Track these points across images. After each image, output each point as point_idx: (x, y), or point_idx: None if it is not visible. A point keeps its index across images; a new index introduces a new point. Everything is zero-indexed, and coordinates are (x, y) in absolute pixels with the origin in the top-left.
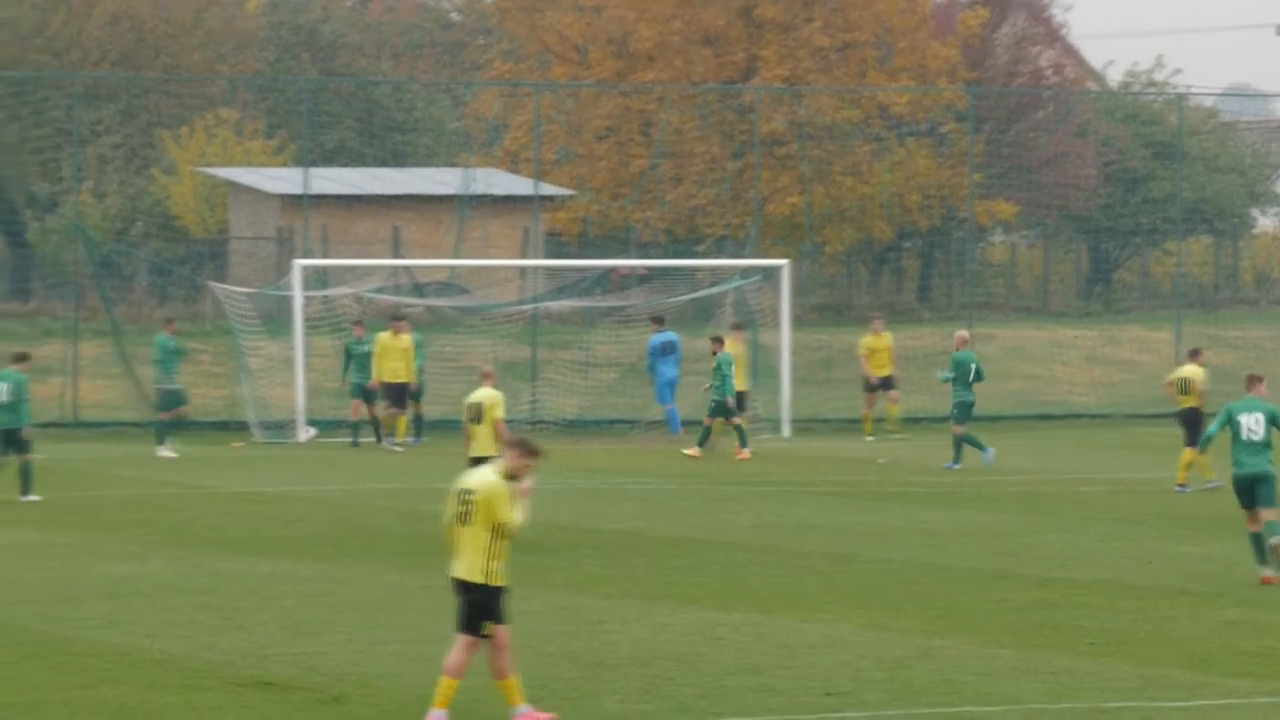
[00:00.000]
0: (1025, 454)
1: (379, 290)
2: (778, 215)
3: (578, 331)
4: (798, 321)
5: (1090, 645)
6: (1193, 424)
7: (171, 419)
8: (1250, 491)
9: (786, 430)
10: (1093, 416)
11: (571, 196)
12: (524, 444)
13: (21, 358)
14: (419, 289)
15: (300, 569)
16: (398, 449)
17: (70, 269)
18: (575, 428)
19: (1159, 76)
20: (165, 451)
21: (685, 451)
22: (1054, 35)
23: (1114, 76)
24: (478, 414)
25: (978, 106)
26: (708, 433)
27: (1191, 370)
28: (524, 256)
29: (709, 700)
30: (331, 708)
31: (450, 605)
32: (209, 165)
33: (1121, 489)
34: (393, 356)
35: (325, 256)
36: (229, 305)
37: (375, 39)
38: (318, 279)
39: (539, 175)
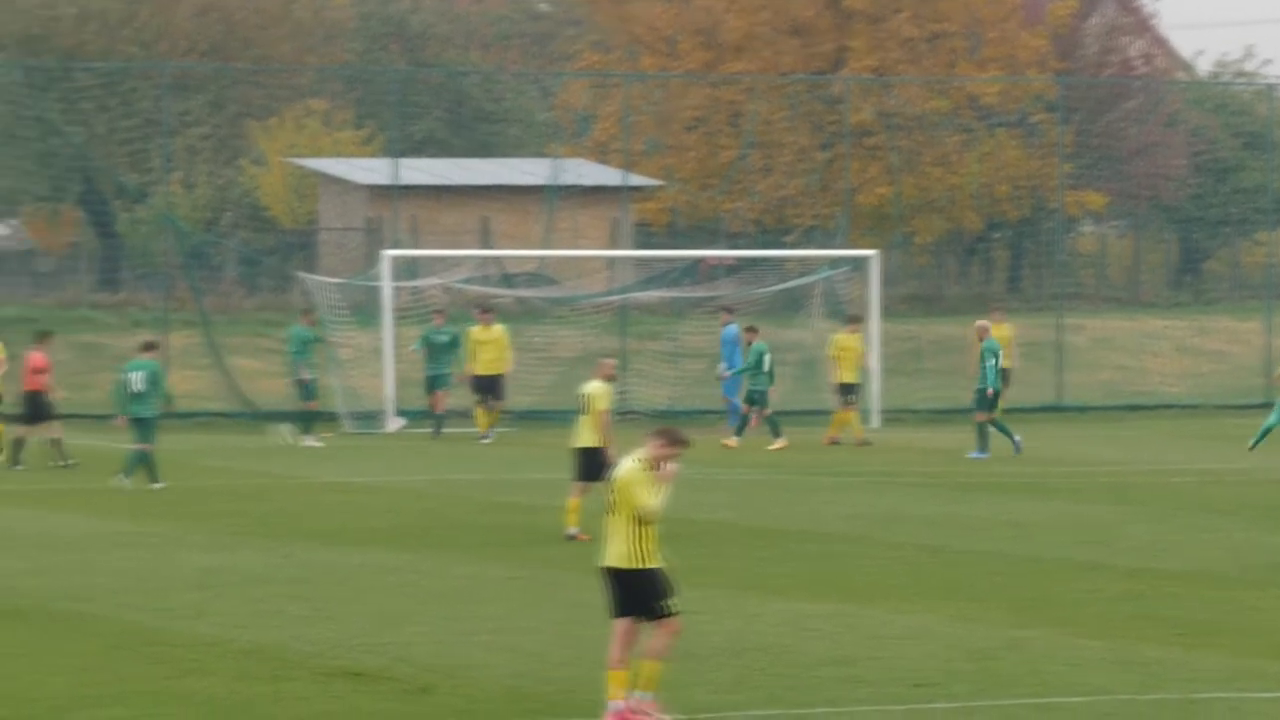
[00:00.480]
0: (1115, 444)
1: (467, 281)
2: (867, 206)
3: (666, 322)
4: (887, 312)
5: (1180, 636)
6: None
7: (312, 410)
8: None
9: (876, 421)
10: (1182, 407)
11: (660, 187)
12: (668, 433)
13: (150, 346)
14: (507, 280)
15: (389, 559)
16: (485, 440)
17: (159, 259)
18: (665, 418)
19: (1249, 66)
20: (311, 441)
21: (724, 442)
22: (1143, 25)
23: (1203, 66)
24: (585, 405)
25: (1067, 97)
26: (745, 421)
27: None
28: (612, 247)
29: (799, 691)
30: (419, 698)
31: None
32: (298, 156)
33: (1211, 479)
34: (486, 349)
35: (414, 247)
36: (318, 296)
37: (464, 29)
38: (406, 269)
39: (628, 166)
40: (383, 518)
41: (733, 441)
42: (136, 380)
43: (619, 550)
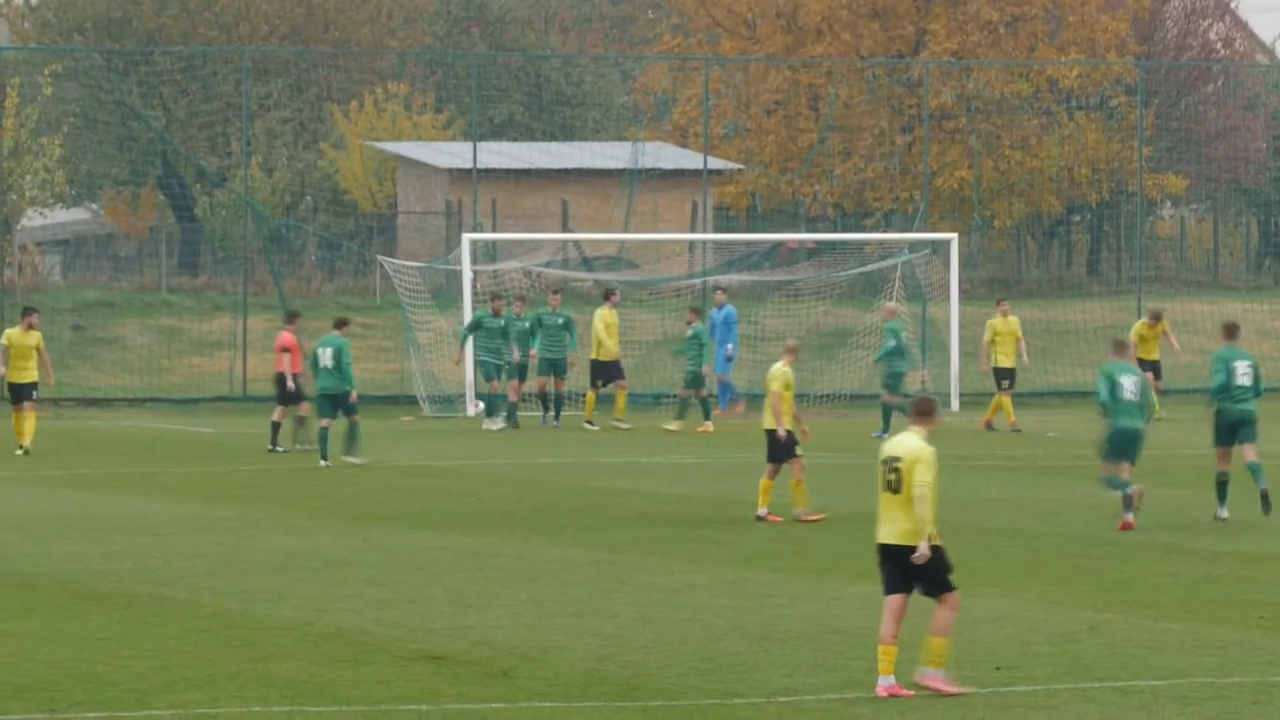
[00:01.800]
0: (1197, 428)
1: (547, 264)
2: (946, 189)
3: (747, 305)
4: (966, 295)
5: (1260, 619)
6: None
7: (499, 393)
8: None
9: (955, 404)
10: (1270, 390)
11: (740, 170)
12: (920, 404)
13: (342, 323)
14: (587, 263)
15: (468, 543)
16: (623, 426)
17: (239, 243)
18: (746, 401)
19: None
20: (491, 425)
21: (666, 427)
22: (1223, 8)
23: None
24: (765, 386)
25: (1147, 80)
26: (685, 405)
27: None
28: (693, 231)
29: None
30: (499, 681)
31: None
32: (378, 139)
33: None
34: (614, 332)
35: (494, 231)
36: (397, 279)
37: (544, 13)
38: (486, 253)
39: (707, 149)
40: (463, 501)
41: (676, 425)
42: (325, 356)
43: (902, 528)
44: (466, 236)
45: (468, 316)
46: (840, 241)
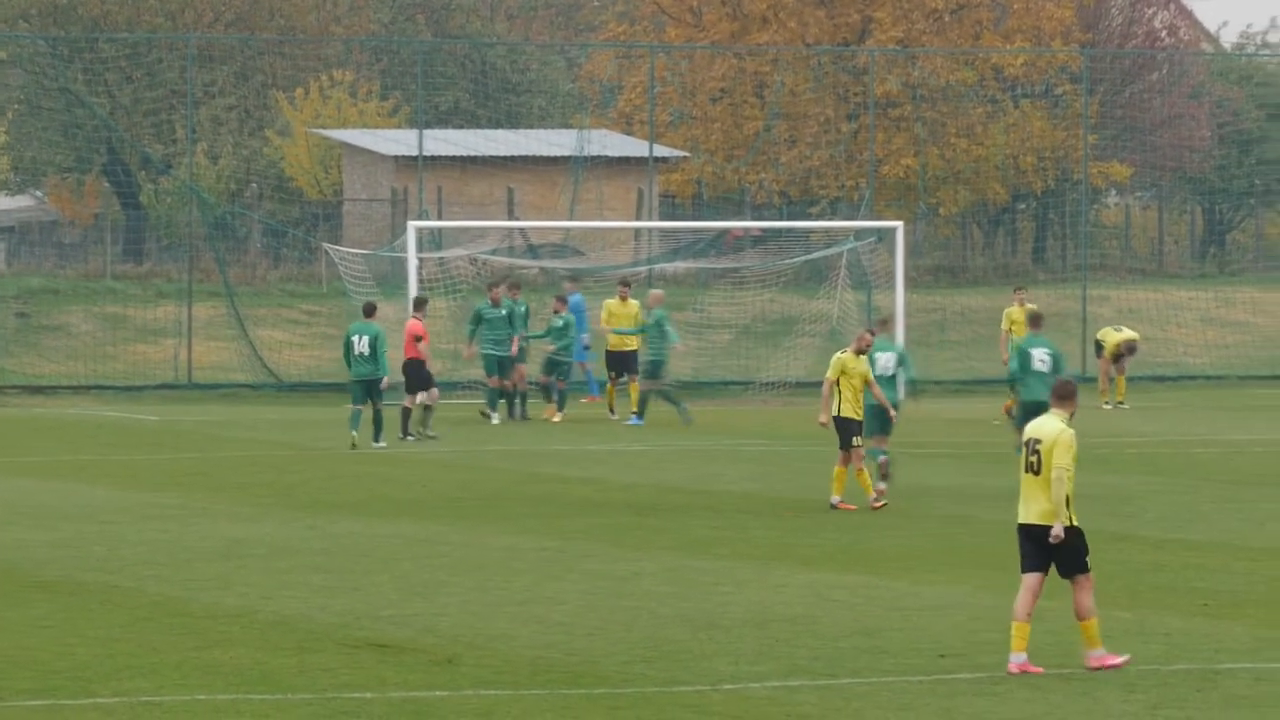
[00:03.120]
0: (1141, 416)
1: (493, 252)
2: (892, 177)
3: (692, 293)
4: (912, 283)
5: (1204, 607)
6: None
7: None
8: None
9: (901, 392)
10: (1207, 378)
11: (686, 158)
12: (1059, 389)
13: (372, 310)
14: (533, 251)
15: (415, 530)
16: (632, 421)
17: (184, 231)
18: (689, 389)
19: (1273, 38)
20: (494, 417)
21: (551, 419)
22: None
23: (1228, 38)
24: None
25: (1092, 68)
26: (551, 391)
27: None
28: (638, 218)
29: (823, 662)
30: (445, 669)
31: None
32: (323, 127)
33: (1236, 451)
34: (623, 323)
35: (440, 218)
36: (343, 267)
37: (489, 0)
38: (432, 241)
39: (653, 137)
40: (410, 489)
41: (556, 416)
42: (360, 343)
43: (1042, 508)
44: (412, 224)
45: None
46: (786, 229)
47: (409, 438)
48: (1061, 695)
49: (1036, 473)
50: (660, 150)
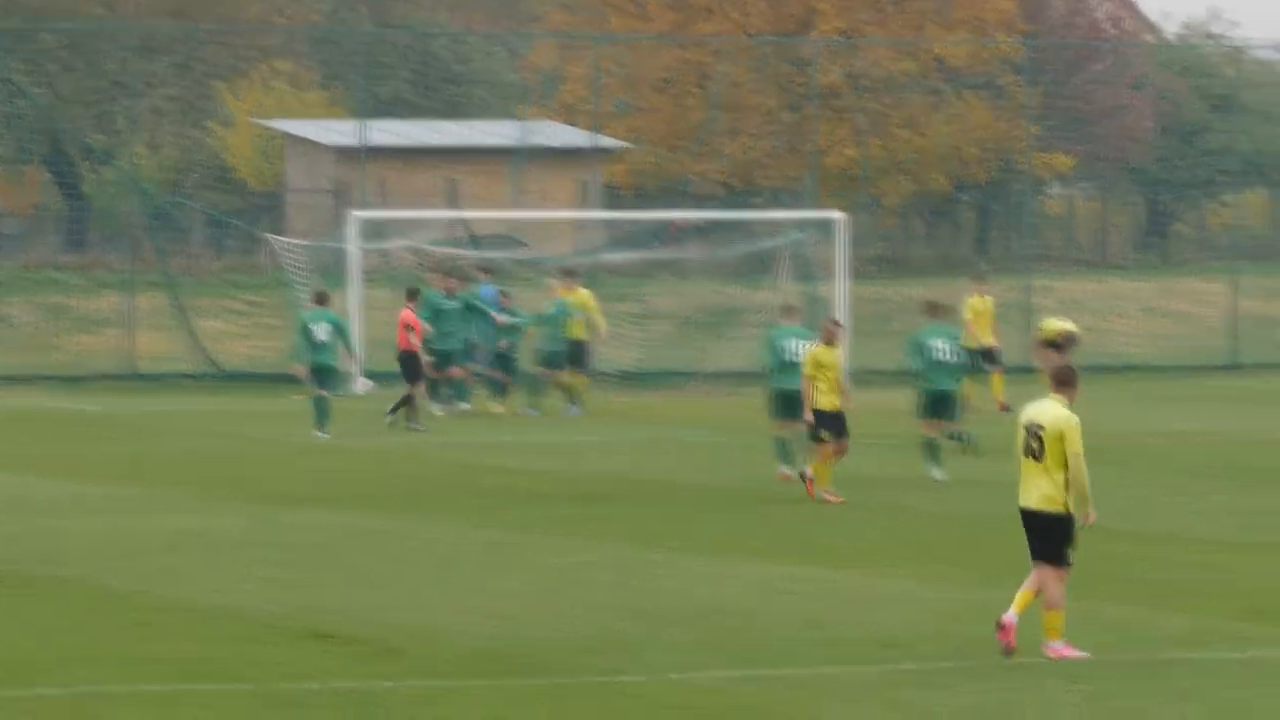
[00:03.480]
0: (1084, 406)
1: (436, 243)
2: (834, 168)
3: (635, 284)
4: (855, 274)
5: (1148, 597)
6: None
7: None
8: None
9: (845, 382)
10: (1149, 368)
11: (628, 149)
12: (1058, 374)
13: (324, 298)
14: (476, 242)
15: (361, 522)
16: (574, 412)
17: (125, 221)
18: (632, 380)
19: (1215, 29)
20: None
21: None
22: None
23: (1171, 29)
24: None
25: (1035, 59)
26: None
27: None
28: (581, 209)
29: (764, 653)
30: (389, 660)
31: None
32: (265, 117)
33: (1180, 441)
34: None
35: (382, 209)
36: (285, 257)
37: None
38: (374, 231)
39: (596, 128)
40: (354, 481)
41: (500, 407)
42: (320, 331)
43: (1043, 494)
44: (354, 214)
45: (355, 295)
46: (728, 220)
47: (416, 427)
48: (1008, 686)
49: (1038, 458)
50: (603, 141)
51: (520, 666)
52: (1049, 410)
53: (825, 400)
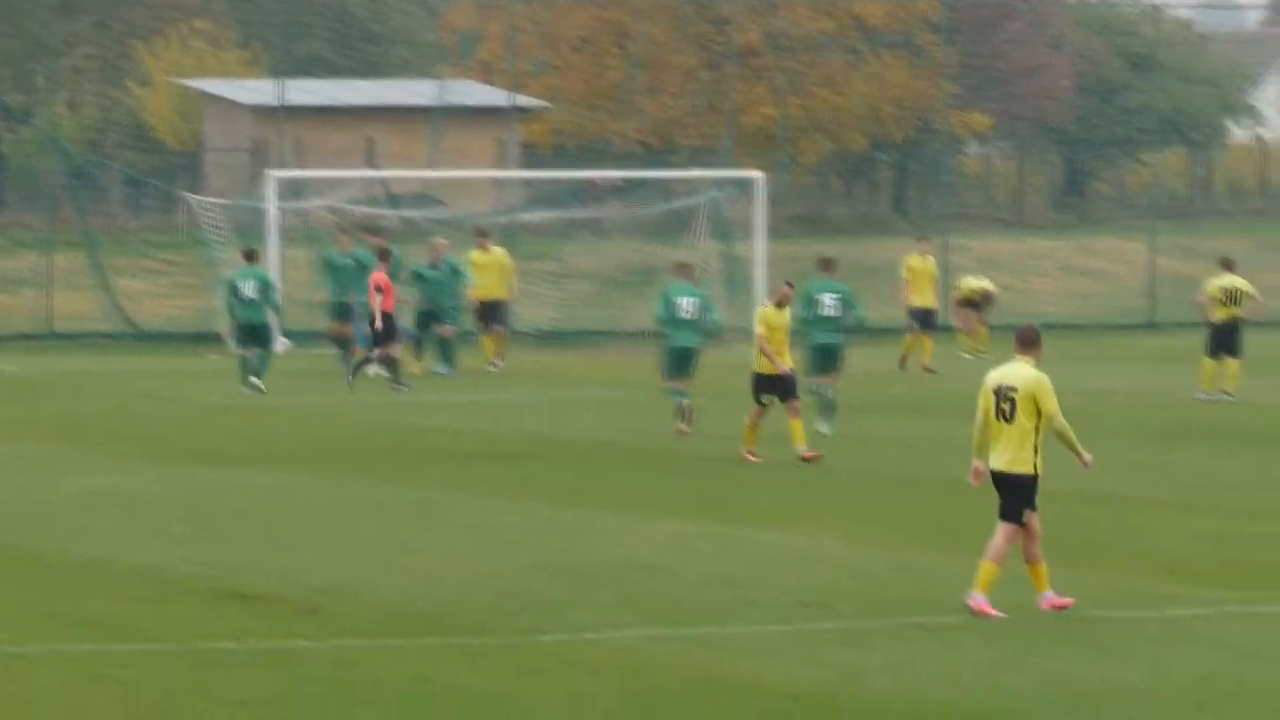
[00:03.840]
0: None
1: (353, 202)
2: (752, 127)
3: (553, 243)
4: (773, 233)
5: (1066, 556)
6: (1236, 335)
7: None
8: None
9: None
10: (1066, 327)
11: (546, 108)
12: (1029, 332)
13: (253, 255)
14: (394, 201)
15: (276, 481)
16: (494, 367)
17: (44, 180)
18: (550, 339)
19: None
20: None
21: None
22: None
23: None
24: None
25: (952, 18)
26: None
27: (1241, 281)
28: (499, 168)
29: (684, 611)
30: (307, 619)
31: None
32: (184, 77)
33: (1094, 399)
34: (485, 273)
35: (300, 168)
36: (203, 217)
37: None
38: (292, 190)
39: (514, 87)
40: (271, 439)
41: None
42: (248, 288)
43: (1013, 455)
44: (271, 174)
45: (273, 254)
46: (647, 179)
47: (402, 387)
48: (924, 644)
49: (1009, 420)
50: (521, 100)
51: (439, 625)
52: (1019, 372)
53: (770, 364)
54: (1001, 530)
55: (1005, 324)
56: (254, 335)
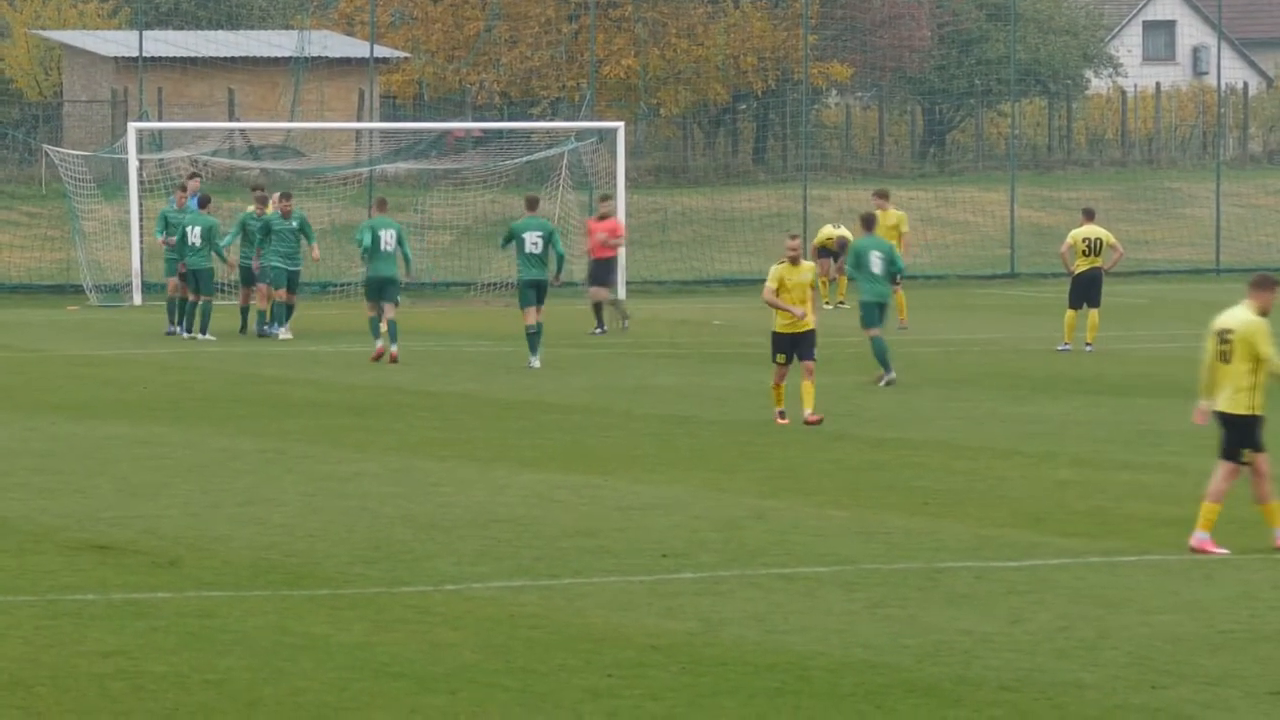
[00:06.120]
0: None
1: (214, 154)
2: (613, 78)
3: (413, 194)
4: (633, 184)
5: (925, 505)
6: (1097, 285)
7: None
8: None
9: (623, 292)
10: (927, 278)
11: (407, 59)
12: (1262, 281)
13: (206, 201)
14: (254, 152)
15: (135, 432)
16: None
17: None
18: (410, 290)
19: None
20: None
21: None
22: None
23: None
24: None
25: None
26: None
27: (1102, 231)
28: (359, 119)
29: (546, 562)
30: (166, 571)
31: None
32: (43, 28)
33: (955, 350)
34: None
35: (160, 119)
36: (63, 168)
37: None
38: (153, 142)
39: (374, 38)
40: (130, 391)
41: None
42: (194, 234)
43: (1235, 397)
44: (132, 125)
45: (134, 206)
46: (507, 130)
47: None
48: (784, 594)
49: (1228, 361)
50: (381, 51)
51: (298, 577)
52: (1239, 315)
53: (783, 322)
54: (1220, 468)
55: None
56: (200, 282)
